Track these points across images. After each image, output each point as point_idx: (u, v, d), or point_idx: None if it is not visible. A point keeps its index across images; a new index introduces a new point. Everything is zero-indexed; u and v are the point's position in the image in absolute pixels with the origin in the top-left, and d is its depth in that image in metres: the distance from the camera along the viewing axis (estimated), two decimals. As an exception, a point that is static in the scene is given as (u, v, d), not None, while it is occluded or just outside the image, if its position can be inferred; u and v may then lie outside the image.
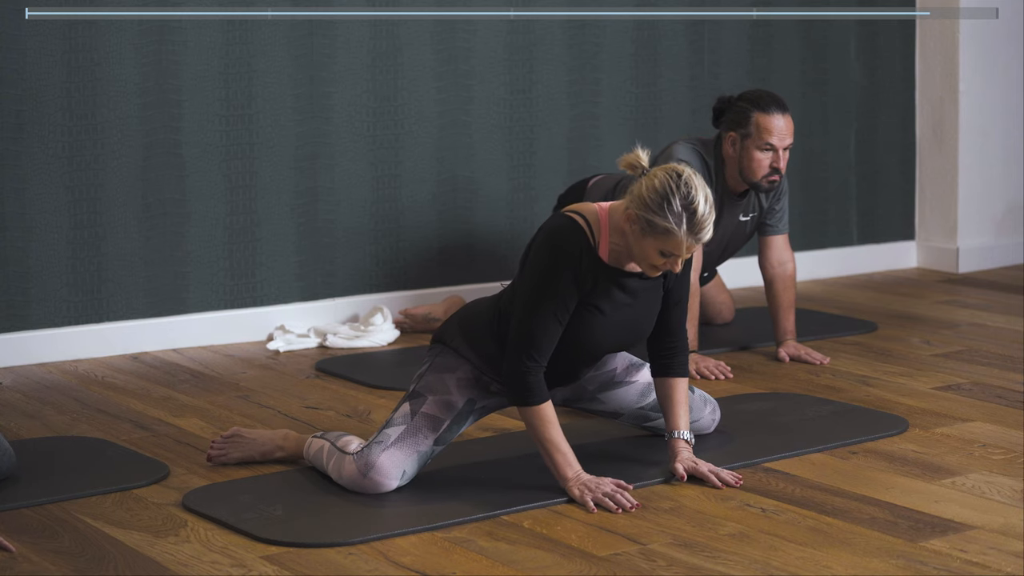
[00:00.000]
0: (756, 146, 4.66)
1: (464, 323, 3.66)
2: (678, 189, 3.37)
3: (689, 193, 3.38)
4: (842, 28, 6.34)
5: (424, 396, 3.60)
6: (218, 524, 3.37)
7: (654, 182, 3.40)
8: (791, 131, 4.69)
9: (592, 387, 3.83)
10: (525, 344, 3.47)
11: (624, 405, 3.86)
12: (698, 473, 3.62)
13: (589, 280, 3.49)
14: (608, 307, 3.53)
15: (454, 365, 3.63)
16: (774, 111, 4.65)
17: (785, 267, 4.92)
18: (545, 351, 3.48)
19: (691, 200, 3.37)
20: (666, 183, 3.38)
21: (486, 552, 3.21)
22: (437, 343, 3.69)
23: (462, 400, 3.61)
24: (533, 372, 3.48)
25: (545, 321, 3.47)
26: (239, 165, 5.18)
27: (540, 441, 3.52)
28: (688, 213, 3.37)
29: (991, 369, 4.73)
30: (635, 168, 3.47)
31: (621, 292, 3.53)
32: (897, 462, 3.79)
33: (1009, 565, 3.10)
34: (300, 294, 5.33)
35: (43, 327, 4.94)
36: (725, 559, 3.15)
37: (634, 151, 3.47)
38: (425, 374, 3.64)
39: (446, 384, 3.61)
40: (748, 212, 4.85)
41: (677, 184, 3.38)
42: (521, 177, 5.71)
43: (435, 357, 3.66)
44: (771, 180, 4.71)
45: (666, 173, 3.41)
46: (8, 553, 3.20)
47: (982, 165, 6.50)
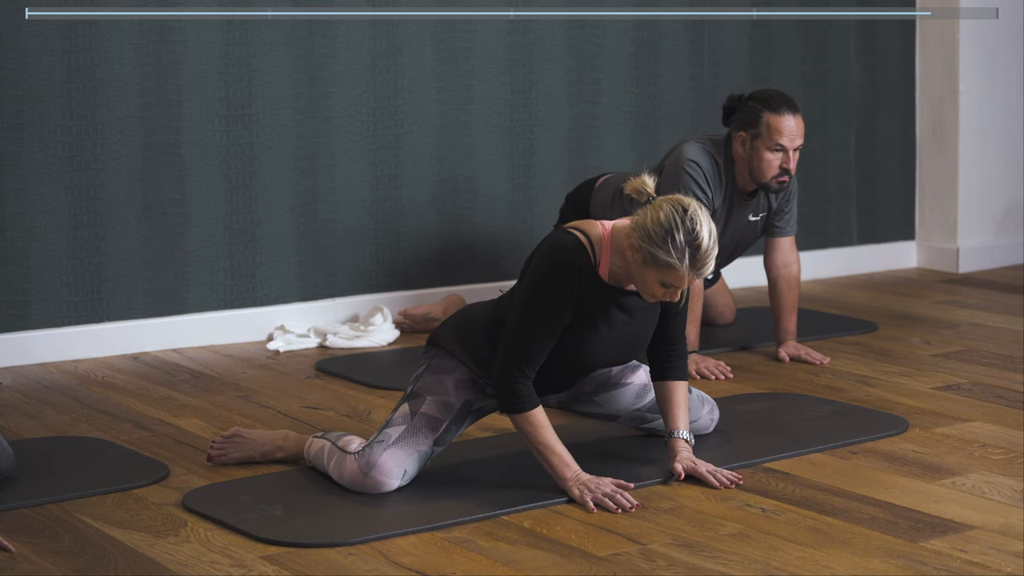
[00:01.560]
0: (766, 146, 4.64)
1: (459, 326, 3.67)
2: (683, 223, 3.35)
3: (694, 228, 3.35)
4: (842, 28, 6.34)
5: (423, 396, 3.61)
6: (218, 524, 3.37)
7: (659, 215, 3.37)
8: (802, 132, 4.67)
9: (588, 389, 3.83)
10: (516, 356, 3.48)
11: (621, 407, 3.86)
12: (697, 473, 3.62)
13: (587, 299, 3.49)
14: (605, 325, 3.54)
15: (451, 367, 3.64)
16: (785, 111, 4.64)
17: (790, 268, 4.92)
18: (535, 363, 3.49)
19: (695, 236, 3.35)
20: (671, 217, 3.36)
21: (486, 552, 3.21)
22: (433, 345, 3.70)
23: (460, 401, 3.62)
24: (521, 382, 3.49)
25: (538, 335, 3.47)
26: (239, 165, 5.18)
27: (534, 445, 3.53)
28: (691, 249, 3.35)
29: (991, 369, 4.73)
30: (641, 195, 3.45)
31: (619, 311, 3.54)
32: (897, 462, 3.79)
33: (1009, 565, 3.10)
34: (300, 294, 5.33)
35: (43, 327, 4.94)
36: (725, 559, 3.15)
37: (640, 177, 3.46)
38: (423, 376, 3.65)
39: (444, 385, 3.61)
40: (758, 212, 4.84)
41: (682, 218, 3.35)
42: (521, 177, 5.70)
43: (431, 359, 3.67)
44: (781, 181, 4.69)
45: (671, 206, 3.37)
46: (8, 553, 3.20)
47: (982, 165, 6.50)
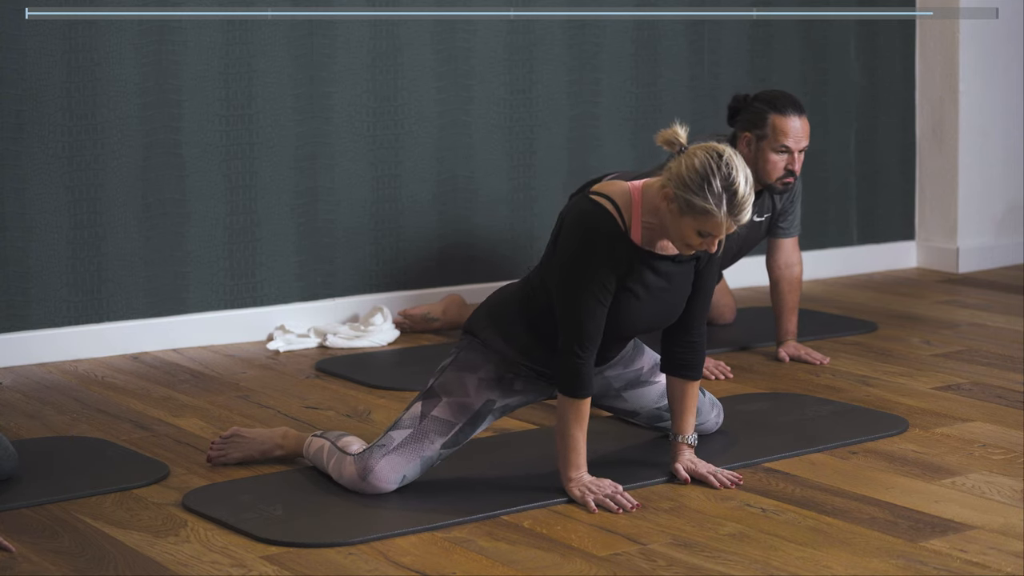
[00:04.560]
0: (771, 148, 4.63)
1: (493, 312, 3.61)
2: (719, 169, 3.30)
3: (730, 174, 3.30)
4: (842, 28, 6.34)
5: (439, 397, 3.56)
6: (218, 524, 3.37)
7: (694, 161, 3.32)
8: (807, 133, 4.65)
9: (618, 384, 3.81)
10: (575, 335, 3.42)
11: (645, 404, 3.85)
12: (697, 474, 3.62)
13: (623, 264, 3.43)
14: (642, 290, 3.47)
15: (478, 364, 3.59)
16: (791, 113, 4.62)
17: (792, 270, 4.91)
18: (595, 338, 3.43)
19: (732, 181, 3.30)
20: (707, 163, 3.31)
21: (486, 552, 3.21)
22: (467, 335, 3.64)
23: (480, 401, 3.57)
24: (586, 362, 3.43)
25: (590, 308, 3.41)
26: (239, 165, 5.18)
27: (562, 434, 3.49)
28: (729, 194, 3.30)
29: (991, 369, 4.73)
30: (673, 145, 3.39)
31: (655, 275, 3.47)
32: (897, 462, 3.79)
33: (1009, 565, 3.10)
34: (300, 294, 5.33)
35: (43, 327, 4.94)
36: (725, 559, 3.15)
37: (672, 127, 3.40)
38: (447, 369, 3.59)
39: (464, 385, 3.57)
40: (763, 212, 4.83)
41: (718, 164, 3.31)
42: (521, 177, 5.70)
43: (460, 351, 3.61)
44: (785, 182, 4.68)
45: (706, 153, 3.33)
46: (8, 553, 3.20)
47: (982, 165, 6.50)
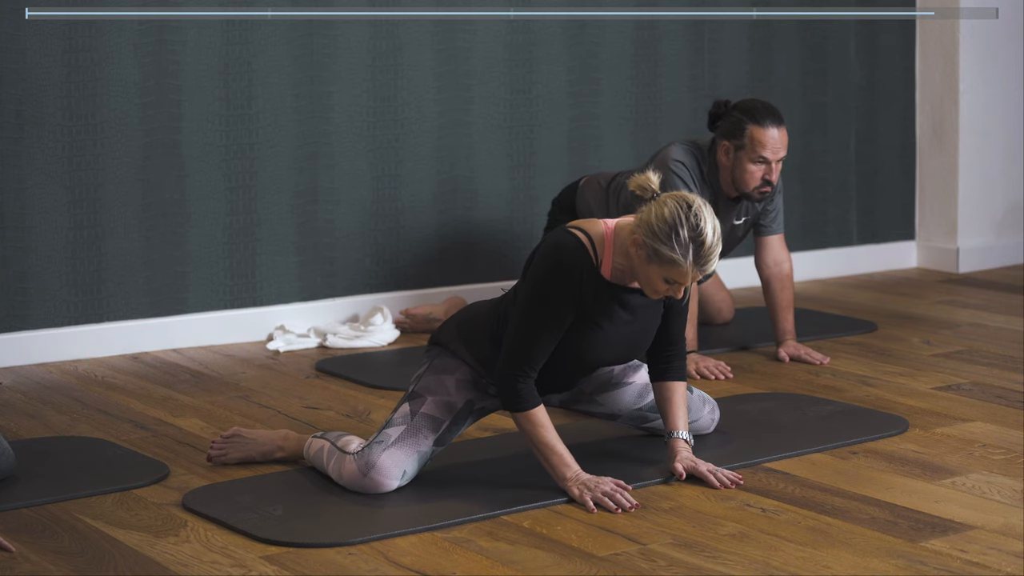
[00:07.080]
0: (749, 158, 4.64)
1: (462, 326, 3.67)
2: (687, 220, 3.35)
3: (698, 224, 3.35)
4: (842, 28, 6.34)
5: (423, 396, 3.61)
6: (218, 524, 3.37)
7: (664, 210, 3.37)
8: (785, 144, 4.66)
9: (589, 389, 3.83)
10: (518, 355, 3.48)
11: (622, 407, 3.86)
12: (697, 473, 3.62)
13: (589, 298, 3.49)
14: (608, 323, 3.53)
15: (452, 367, 3.64)
16: (769, 124, 4.63)
17: (781, 267, 4.92)
18: (537, 362, 3.50)
19: (700, 231, 3.35)
20: (675, 212, 3.36)
21: (486, 552, 3.21)
22: (435, 345, 3.70)
23: (461, 401, 3.62)
24: (523, 381, 3.49)
25: (539, 335, 3.47)
26: (239, 165, 5.18)
27: (535, 444, 3.53)
28: (695, 244, 3.35)
29: (991, 369, 4.73)
30: (645, 191, 3.45)
31: (621, 309, 3.53)
32: (897, 462, 3.79)
33: (1009, 565, 3.10)
34: (300, 294, 5.33)
35: (43, 327, 4.94)
36: (725, 559, 3.15)
37: (645, 173, 3.46)
38: (424, 375, 3.65)
39: (445, 385, 3.61)
40: (741, 215, 4.85)
41: (687, 214, 3.36)
42: (521, 177, 5.70)
43: (433, 359, 3.67)
44: (763, 191, 4.70)
45: (676, 202, 3.38)
46: (8, 553, 3.20)
47: (982, 165, 6.50)
